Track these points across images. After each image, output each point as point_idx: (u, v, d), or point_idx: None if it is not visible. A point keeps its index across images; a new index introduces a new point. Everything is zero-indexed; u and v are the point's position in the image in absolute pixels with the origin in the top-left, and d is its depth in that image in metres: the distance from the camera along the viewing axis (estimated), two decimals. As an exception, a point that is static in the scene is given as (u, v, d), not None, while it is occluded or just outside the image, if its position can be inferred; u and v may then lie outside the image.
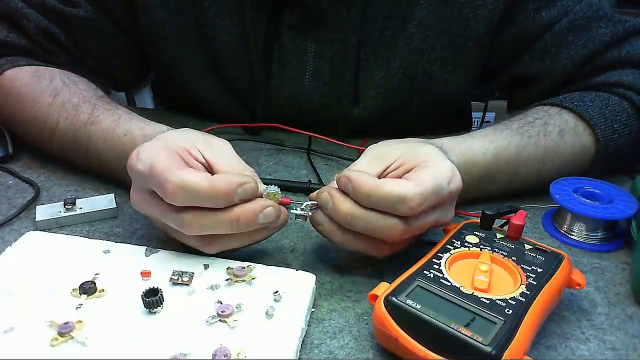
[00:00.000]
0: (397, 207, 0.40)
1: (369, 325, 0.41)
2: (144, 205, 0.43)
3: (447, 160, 0.45)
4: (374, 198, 0.40)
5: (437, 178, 0.42)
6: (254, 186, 0.42)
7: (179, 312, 0.39)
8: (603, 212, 0.51)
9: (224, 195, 0.40)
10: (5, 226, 0.51)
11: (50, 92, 0.59)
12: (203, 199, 0.40)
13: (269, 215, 0.42)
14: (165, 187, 0.39)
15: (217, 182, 0.40)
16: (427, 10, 0.66)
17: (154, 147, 0.42)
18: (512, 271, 0.40)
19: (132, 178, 0.44)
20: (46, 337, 0.36)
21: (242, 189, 0.41)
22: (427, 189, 0.41)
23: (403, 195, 0.40)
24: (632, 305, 0.45)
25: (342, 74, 0.69)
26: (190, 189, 0.39)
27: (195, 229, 0.41)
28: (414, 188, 0.40)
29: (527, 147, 0.56)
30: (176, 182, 0.39)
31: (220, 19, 0.68)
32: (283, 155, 0.69)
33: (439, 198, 0.42)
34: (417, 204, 0.40)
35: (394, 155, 0.46)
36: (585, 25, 0.64)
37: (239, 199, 0.41)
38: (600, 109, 0.60)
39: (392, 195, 0.40)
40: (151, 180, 0.40)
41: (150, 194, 0.42)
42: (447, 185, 0.42)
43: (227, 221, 0.41)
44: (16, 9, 0.63)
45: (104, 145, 0.54)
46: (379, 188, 0.40)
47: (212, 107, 0.76)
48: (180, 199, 0.39)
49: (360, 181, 0.41)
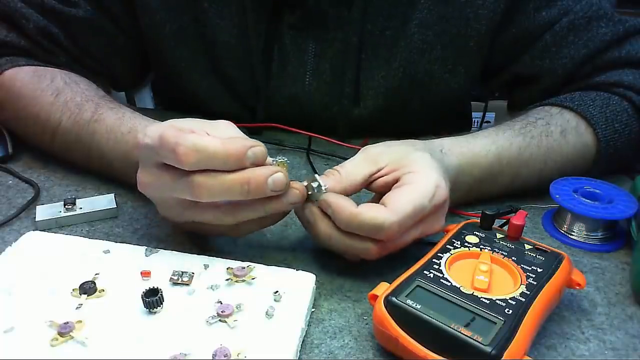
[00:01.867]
0: (375, 234, 0.42)
1: (369, 325, 0.41)
2: (153, 183, 0.43)
3: (433, 170, 0.45)
4: (352, 225, 0.42)
5: (415, 200, 0.42)
6: (264, 150, 0.41)
7: (179, 312, 0.39)
8: (603, 212, 0.51)
9: (236, 156, 0.40)
10: (5, 226, 0.51)
11: (52, 91, 0.59)
12: (215, 159, 0.40)
13: (278, 181, 0.41)
14: (177, 151, 0.39)
15: (229, 143, 0.40)
16: (428, 10, 0.66)
17: (160, 125, 0.42)
18: (512, 271, 0.40)
19: (140, 159, 0.43)
20: (46, 337, 0.36)
21: (252, 152, 0.40)
22: (404, 215, 0.42)
23: (380, 224, 0.41)
24: (632, 305, 0.45)
25: (342, 74, 0.69)
26: (202, 150, 0.39)
27: (206, 193, 0.40)
28: (390, 217, 0.41)
29: (529, 148, 0.56)
30: (188, 145, 0.39)
31: (220, 19, 0.68)
32: (283, 155, 0.69)
33: (419, 217, 0.43)
34: (394, 231, 0.42)
35: (386, 159, 0.46)
36: (585, 25, 0.64)
37: (249, 163, 0.41)
38: (601, 109, 0.59)
39: (369, 224, 0.41)
40: (161, 149, 0.40)
41: (160, 167, 0.42)
42: (429, 202, 0.43)
43: (238, 183, 0.40)
44: (15, 9, 0.63)
45: (107, 143, 0.54)
46: (356, 217, 0.42)
47: (212, 107, 0.75)
48: (192, 161, 0.39)
49: (338, 208, 0.42)
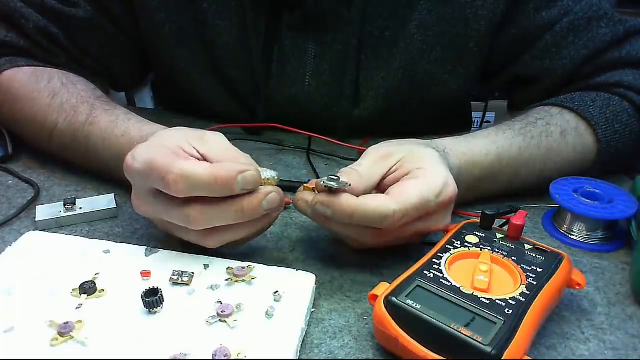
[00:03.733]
0: (379, 224, 0.42)
1: (369, 325, 0.41)
2: (146, 207, 0.43)
3: (443, 167, 0.45)
4: (356, 218, 0.42)
5: (423, 192, 0.43)
6: (255, 174, 0.41)
7: (179, 312, 0.39)
8: (603, 212, 0.51)
9: (225, 183, 0.40)
10: (5, 226, 0.51)
11: (48, 92, 0.59)
12: (204, 186, 0.40)
13: (272, 200, 0.42)
14: (166, 179, 0.39)
15: (218, 170, 0.40)
16: (428, 11, 0.66)
17: (148, 147, 0.42)
18: (512, 271, 0.40)
19: (131, 182, 0.43)
20: (46, 337, 0.36)
21: (243, 177, 0.40)
22: (410, 205, 0.42)
23: (383, 214, 0.41)
24: (632, 305, 0.45)
25: (342, 75, 0.69)
26: (191, 177, 0.39)
27: (200, 223, 0.41)
28: (394, 205, 0.41)
29: (529, 148, 0.56)
30: (177, 172, 0.39)
31: (220, 19, 0.68)
32: (283, 155, 0.69)
33: (424, 211, 0.43)
34: (397, 220, 0.42)
35: (397, 157, 0.46)
36: (585, 25, 0.64)
37: (239, 189, 0.40)
38: (601, 109, 0.60)
39: (374, 214, 0.41)
40: (151, 175, 0.40)
41: (151, 193, 0.42)
42: (436, 198, 0.43)
43: (232, 210, 0.41)
44: (15, 9, 0.63)
45: (102, 145, 0.54)
46: (361, 208, 0.41)
47: (212, 107, 0.76)
48: (182, 189, 0.39)
49: (341, 205, 0.42)
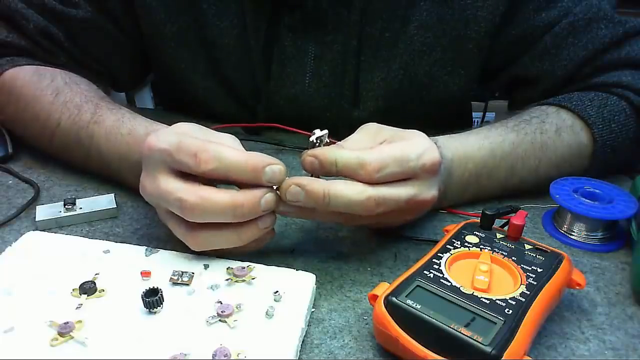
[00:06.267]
0: (358, 172, 0.42)
1: (369, 325, 0.41)
2: (154, 189, 0.42)
3: (427, 139, 0.46)
4: (339, 164, 0.42)
5: (404, 149, 0.43)
6: (283, 170, 0.42)
7: (179, 312, 0.39)
8: (603, 212, 0.51)
9: (255, 167, 0.40)
10: (5, 226, 0.51)
11: (51, 91, 0.59)
12: (235, 168, 0.40)
13: (269, 200, 0.42)
14: (199, 157, 0.39)
15: (250, 154, 0.41)
16: (427, 12, 0.66)
17: (173, 130, 0.43)
18: (512, 271, 0.40)
19: (147, 162, 0.43)
20: (46, 337, 0.36)
21: (271, 168, 0.41)
22: (387, 156, 0.43)
23: (361, 158, 0.42)
24: (632, 305, 0.45)
25: (342, 76, 0.69)
26: (224, 156, 0.40)
27: (194, 212, 0.40)
28: (372, 154, 0.42)
29: (522, 144, 0.56)
30: (211, 151, 0.40)
31: (219, 20, 0.68)
32: (283, 155, 0.69)
33: (404, 168, 0.43)
34: (374, 169, 0.42)
35: (385, 135, 0.47)
36: (585, 26, 0.64)
37: (266, 179, 0.41)
38: (598, 109, 0.60)
39: (352, 159, 0.42)
40: (180, 153, 0.40)
41: (167, 173, 0.41)
42: (416, 158, 0.44)
43: (230, 204, 0.40)
44: (16, 9, 0.63)
45: (107, 144, 0.54)
46: (343, 153, 0.43)
47: (212, 107, 0.76)
48: (213, 167, 0.40)
49: (325, 153, 0.43)
